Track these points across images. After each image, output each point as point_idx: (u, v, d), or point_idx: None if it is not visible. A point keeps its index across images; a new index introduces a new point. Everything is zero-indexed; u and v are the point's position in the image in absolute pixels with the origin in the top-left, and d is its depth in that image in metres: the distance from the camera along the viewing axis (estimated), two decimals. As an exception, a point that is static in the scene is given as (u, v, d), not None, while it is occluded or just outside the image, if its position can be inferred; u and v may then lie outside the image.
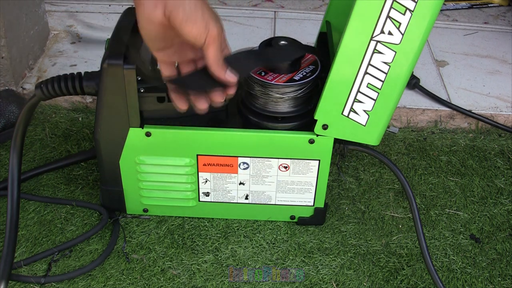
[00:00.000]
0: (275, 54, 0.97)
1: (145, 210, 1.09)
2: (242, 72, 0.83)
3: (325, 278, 1.00)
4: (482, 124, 1.37)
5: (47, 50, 1.50)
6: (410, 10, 0.84)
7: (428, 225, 1.12)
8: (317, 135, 0.97)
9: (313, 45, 1.16)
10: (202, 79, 0.81)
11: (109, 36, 0.95)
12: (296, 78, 0.97)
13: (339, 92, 0.92)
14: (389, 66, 0.89)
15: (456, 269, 1.03)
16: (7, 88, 1.34)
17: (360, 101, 0.93)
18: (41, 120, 1.31)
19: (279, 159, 1.00)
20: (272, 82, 0.95)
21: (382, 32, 0.86)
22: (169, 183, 1.04)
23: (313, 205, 1.07)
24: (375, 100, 0.93)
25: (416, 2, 0.84)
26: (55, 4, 1.73)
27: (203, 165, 1.01)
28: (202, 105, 0.84)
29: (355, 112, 0.94)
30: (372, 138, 0.97)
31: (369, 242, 1.08)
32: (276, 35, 1.49)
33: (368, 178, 1.22)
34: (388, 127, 1.36)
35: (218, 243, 1.05)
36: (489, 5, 1.92)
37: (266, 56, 0.95)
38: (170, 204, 1.07)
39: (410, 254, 1.06)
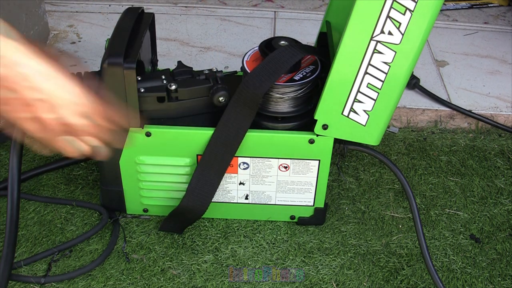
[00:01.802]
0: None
1: (145, 210, 1.09)
2: None
3: (325, 278, 1.00)
4: (482, 124, 1.37)
5: (47, 50, 1.50)
6: (410, 10, 0.84)
7: (428, 225, 1.12)
8: (317, 135, 0.97)
9: (313, 45, 1.16)
10: None
11: (109, 36, 0.95)
12: (296, 78, 0.97)
13: (339, 92, 0.92)
14: (389, 66, 0.89)
15: (456, 269, 1.03)
16: (7, 88, 1.34)
17: (360, 101, 0.93)
18: (41, 120, 1.31)
19: (279, 159, 1.00)
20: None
21: (382, 32, 0.86)
22: (169, 183, 1.04)
23: (313, 205, 1.07)
24: (375, 100, 0.93)
25: (416, 2, 0.84)
26: (55, 4, 1.73)
27: (203, 165, 1.01)
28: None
29: (355, 112, 0.94)
30: (372, 138, 0.97)
31: (369, 242, 1.08)
32: (276, 35, 1.49)
33: (368, 178, 1.22)
34: (388, 127, 1.36)
35: (218, 243, 1.05)
36: (489, 5, 1.92)
37: None
38: (170, 204, 1.07)
39: (410, 254, 1.06)
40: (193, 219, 1.05)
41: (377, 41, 0.87)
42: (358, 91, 0.92)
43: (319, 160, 1.00)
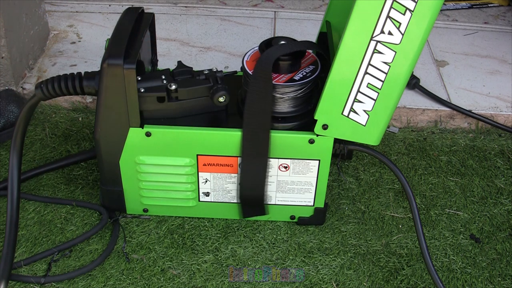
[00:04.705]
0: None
1: (145, 210, 1.09)
2: None
3: (325, 278, 1.00)
4: (482, 124, 1.37)
5: (47, 50, 1.50)
6: (410, 10, 0.84)
7: (428, 225, 1.12)
8: (317, 135, 0.97)
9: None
10: None
11: (109, 36, 0.95)
12: (296, 78, 0.97)
13: (339, 92, 0.92)
14: (389, 66, 0.89)
15: (456, 269, 1.03)
16: (7, 88, 1.34)
17: (360, 101, 0.93)
18: (41, 120, 1.31)
19: (279, 159, 1.00)
20: (272, 82, 0.95)
21: (382, 32, 0.86)
22: (169, 183, 1.04)
23: (313, 205, 1.07)
24: (375, 100, 0.93)
25: (416, 2, 0.84)
26: (55, 4, 1.73)
27: (203, 165, 1.01)
28: None
29: (355, 112, 0.94)
30: (372, 138, 0.97)
31: (369, 242, 1.08)
32: (276, 35, 1.49)
33: (368, 178, 1.22)
34: (388, 127, 1.36)
35: (218, 243, 1.05)
36: (489, 5, 1.92)
37: None
38: (170, 204, 1.07)
39: (410, 254, 1.06)
40: (258, 202, 1.05)
41: (377, 41, 0.87)
42: (358, 91, 0.92)
43: (319, 160, 1.00)
